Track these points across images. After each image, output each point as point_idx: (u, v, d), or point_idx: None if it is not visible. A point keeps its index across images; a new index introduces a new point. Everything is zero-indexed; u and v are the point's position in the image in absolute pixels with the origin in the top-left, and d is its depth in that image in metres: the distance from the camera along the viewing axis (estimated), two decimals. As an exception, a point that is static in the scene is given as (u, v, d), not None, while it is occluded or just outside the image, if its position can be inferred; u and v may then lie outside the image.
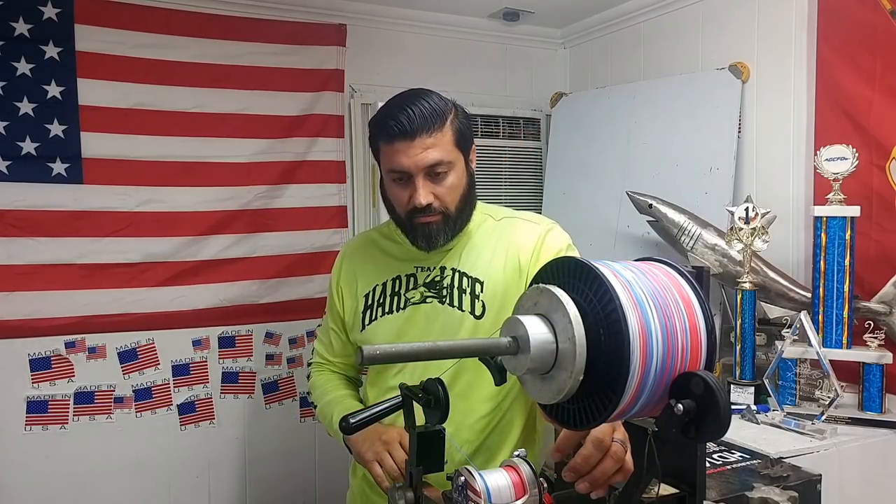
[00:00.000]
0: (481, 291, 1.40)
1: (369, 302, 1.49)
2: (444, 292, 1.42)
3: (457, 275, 1.43)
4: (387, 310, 1.46)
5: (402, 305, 1.45)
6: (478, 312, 1.39)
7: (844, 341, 1.90)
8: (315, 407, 1.56)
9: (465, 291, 1.41)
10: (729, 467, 1.54)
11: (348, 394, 1.54)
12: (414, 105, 1.34)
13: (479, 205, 1.51)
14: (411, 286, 1.46)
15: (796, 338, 1.89)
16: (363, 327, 1.48)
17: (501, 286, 1.39)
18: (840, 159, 1.90)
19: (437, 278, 1.44)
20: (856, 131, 2.06)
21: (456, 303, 1.41)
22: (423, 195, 1.34)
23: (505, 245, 1.43)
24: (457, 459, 1.34)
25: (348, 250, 1.61)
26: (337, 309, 1.56)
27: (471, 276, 1.42)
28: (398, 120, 1.33)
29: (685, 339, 0.82)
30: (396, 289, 1.46)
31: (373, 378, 1.51)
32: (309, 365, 1.67)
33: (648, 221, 2.38)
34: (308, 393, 1.63)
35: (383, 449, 1.29)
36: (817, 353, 1.83)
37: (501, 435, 1.44)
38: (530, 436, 1.50)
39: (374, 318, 1.47)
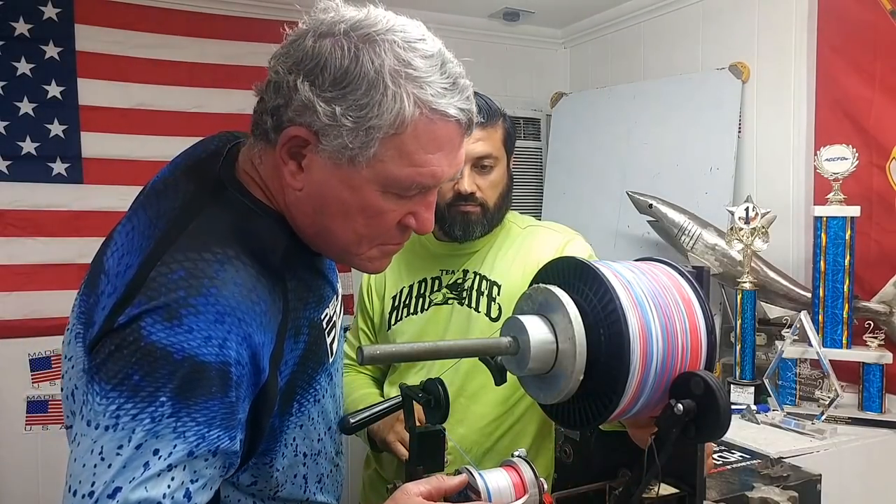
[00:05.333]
0: (498, 294, 1.45)
1: (396, 303, 1.54)
2: (465, 294, 1.47)
3: (477, 277, 1.48)
4: (412, 311, 1.51)
5: (425, 306, 1.50)
6: (494, 314, 1.43)
7: (844, 341, 1.90)
8: None
9: (483, 294, 1.46)
10: (729, 467, 1.54)
11: (372, 392, 1.56)
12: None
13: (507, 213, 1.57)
14: (435, 288, 1.51)
15: (796, 338, 1.89)
16: (389, 327, 1.53)
17: (519, 291, 1.41)
18: (840, 159, 1.90)
19: (460, 280, 1.49)
20: (856, 131, 2.06)
21: (474, 304, 1.46)
22: (468, 183, 1.41)
23: (526, 252, 1.48)
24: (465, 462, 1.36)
25: None
26: (367, 309, 1.60)
27: (490, 279, 1.47)
28: None
29: (685, 339, 0.82)
30: (422, 291, 1.52)
31: (395, 378, 1.53)
32: None
33: (648, 221, 2.38)
34: None
35: (402, 429, 1.31)
36: (817, 353, 1.83)
37: (514, 438, 1.45)
38: (545, 442, 1.51)
39: (399, 318, 1.52)
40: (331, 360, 0.96)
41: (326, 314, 0.95)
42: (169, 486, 0.70)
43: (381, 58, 0.77)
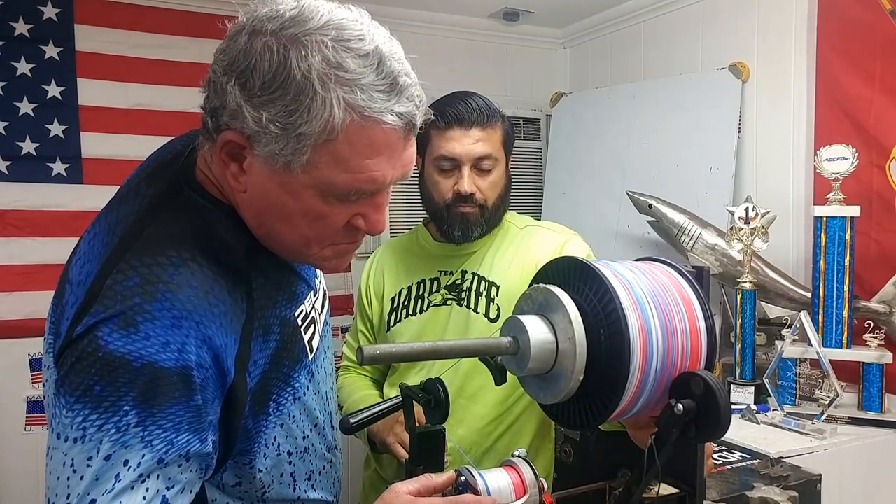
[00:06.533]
0: (496, 295, 1.45)
1: (395, 305, 1.54)
2: (463, 295, 1.47)
3: (476, 278, 1.48)
4: (410, 312, 1.51)
5: (424, 308, 1.50)
6: (492, 315, 1.43)
7: (844, 341, 1.90)
8: (341, 408, 1.58)
9: (481, 294, 1.46)
10: (729, 467, 1.54)
11: (373, 394, 1.56)
12: (472, 99, 1.43)
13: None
14: (434, 289, 1.50)
15: (796, 338, 1.89)
16: (388, 328, 1.53)
17: (517, 292, 1.41)
18: (840, 159, 1.90)
19: (458, 281, 1.49)
20: (856, 131, 2.06)
21: (472, 305, 1.46)
22: (468, 183, 1.41)
23: (524, 252, 1.48)
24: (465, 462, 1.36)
25: (377, 255, 1.65)
26: (366, 311, 1.60)
27: (488, 280, 1.47)
28: (457, 108, 1.41)
29: (685, 339, 0.82)
30: (420, 292, 1.52)
31: (394, 379, 1.53)
32: (337, 370, 1.70)
33: (648, 221, 2.38)
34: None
35: (402, 431, 1.32)
36: (817, 352, 1.83)
37: (513, 438, 1.45)
38: (545, 441, 1.51)
39: (398, 319, 1.52)
40: (311, 356, 0.94)
41: (302, 311, 0.93)
42: (144, 498, 0.70)
43: (309, 61, 0.72)
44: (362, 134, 0.75)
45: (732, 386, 2.01)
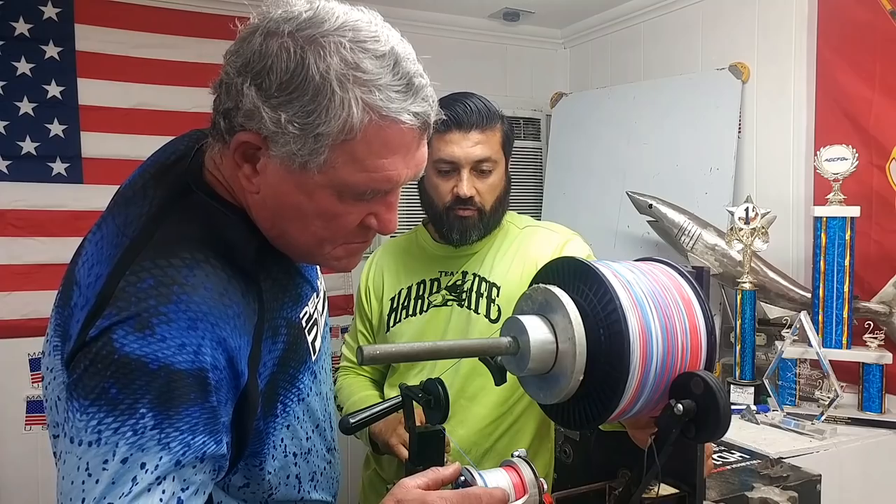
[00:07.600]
0: (497, 296, 1.45)
1: (394, 305, 1.53)
2: (464, 296, 1.47)
3: (476, 279, 1.48)
4: (410, 312, 1.51)
5: (424, 308, 1.50)
6: (493, 316, 1.44)
7: (844, 341, 1.90)
8: (341, 409, 1.58)
9: (482, 295, 1.46)
10: (729, 467, 1.54)
11: (373, 394, 1.56)
12: (471, 101, 1.42)
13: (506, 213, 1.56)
14: (434, 290, 1.50)
15: (796, 338, 1.89)
16: (388, 329, 1.53)
17: (517, 292, 1.41)
18: (840, 159, 1.90)
19: (459, 282, 1.49)
20: (856, 131, 2.06)
21: (473, 306, 1.46)
22: (467, 186, 1.41)
23: (524, 252, 1.48)
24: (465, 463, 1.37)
25: (376, 256, 1.65)
26: (365, 311, 1.60)
27: (489, 281, 1.47)
28: (455, 111, 1.39)
29: (685, 340, 0.82)
30: (420, 292, 1.52)
31: (394, 379, 1.53)
32: (336, 370, 1.69)
33: (648, 221, 2.38)
34: (334, 396, 1.64)
35: (405, 432, 1.31)
36: (817, 353, 1.83)
37: (513, 438, 1.45)
38: (544, 442, 1.51)
39: (398, 320, 1.52)
40: (314, 358, 0.94)
41: (306, 312, 0.94)
42: (161, 500, 0.70)
43: (327, 61, 0.73)
44: (380, 134, 0.76)
45: (732, 386, 2.01)
